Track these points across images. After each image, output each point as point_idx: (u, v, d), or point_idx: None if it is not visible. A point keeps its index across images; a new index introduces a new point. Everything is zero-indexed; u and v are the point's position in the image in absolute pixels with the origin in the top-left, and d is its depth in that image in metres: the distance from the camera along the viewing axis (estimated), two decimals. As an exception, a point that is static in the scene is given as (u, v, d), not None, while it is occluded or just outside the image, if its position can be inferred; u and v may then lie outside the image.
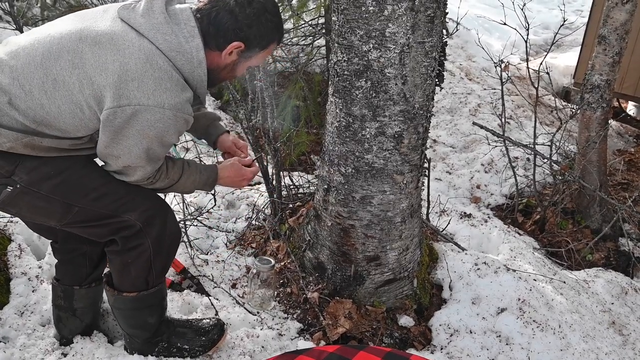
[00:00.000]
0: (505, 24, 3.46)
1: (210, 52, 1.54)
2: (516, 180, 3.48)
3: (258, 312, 2.19)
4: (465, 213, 3.29)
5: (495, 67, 3.51)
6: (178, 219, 2.72)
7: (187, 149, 3.82)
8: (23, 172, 1.49)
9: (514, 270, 2.40)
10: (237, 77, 1.73)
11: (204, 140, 1.98)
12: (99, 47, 1.43)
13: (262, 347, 2.00)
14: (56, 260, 1.90)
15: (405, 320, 2.20)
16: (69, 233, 1.72)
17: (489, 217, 3.39)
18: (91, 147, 1.56)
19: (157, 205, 1.69)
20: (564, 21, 3.25)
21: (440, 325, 2.21)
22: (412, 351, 2.11)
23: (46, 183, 1.51)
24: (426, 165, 2.25)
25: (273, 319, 2.17)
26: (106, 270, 1.90)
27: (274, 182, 2.72)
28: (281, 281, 2.32)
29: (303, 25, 4.42)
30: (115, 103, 1.41)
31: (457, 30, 3.29)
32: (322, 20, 4.35)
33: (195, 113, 1.94)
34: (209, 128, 1.95)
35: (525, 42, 3.31)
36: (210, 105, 4.59)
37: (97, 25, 1.47)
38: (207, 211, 2.98)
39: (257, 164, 2.00)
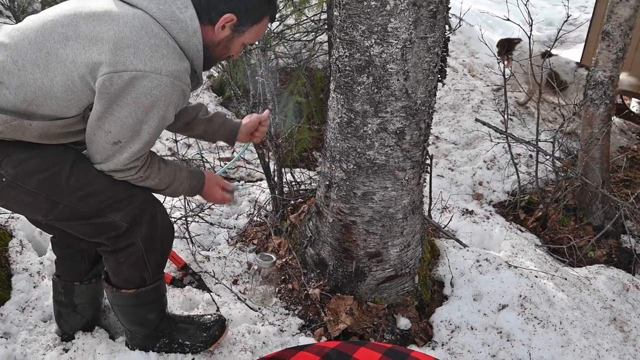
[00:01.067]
0: (508, 19, 3.44)
1: (204, 27, 1.53)
2: (518, 177, 3.47)
3: (259, 308, 2.19)
4: (467, 210, 3.28)
5: (498, 63, 3.51)
6: (179, 215, 2.74)
7: (189, 145, 3.82)
8: (9, 165, 1.47)
9: (516, 267, 2.39)
10: (233, 58, 1.71)
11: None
12: (93, 19, 1.42)
13: (263, 343, 2.00)
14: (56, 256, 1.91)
15: (404, 322, 2.19)
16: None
17: (491, 213, 3.38)
18: (82, 130, 1.53)
19: (144, 202, 1.65)
20: (568, 17, 3.24)
21: (441, 321, 2.20)
22: (413, 347, 2.11)
23: (33, 178, 1.49)
24: (428, 161, 2.25)
25: (274, 315, 2.17)
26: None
27: (276, 179, 2.72)
28: (282, 277, 2.32)
29: (305, 21, 4.41)
30: (112, 69, 1.39)
31: (460, 26, 3.28)
32: (324, 16, 4.34)
33: (205, 117, 1.93)
34: (225, 124, 1.95)
35: (529, 38, 3.30)
36: (212, 101, 4.59)
37: (92, 3, 1.47)
38: (209, 207, 2.98)
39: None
